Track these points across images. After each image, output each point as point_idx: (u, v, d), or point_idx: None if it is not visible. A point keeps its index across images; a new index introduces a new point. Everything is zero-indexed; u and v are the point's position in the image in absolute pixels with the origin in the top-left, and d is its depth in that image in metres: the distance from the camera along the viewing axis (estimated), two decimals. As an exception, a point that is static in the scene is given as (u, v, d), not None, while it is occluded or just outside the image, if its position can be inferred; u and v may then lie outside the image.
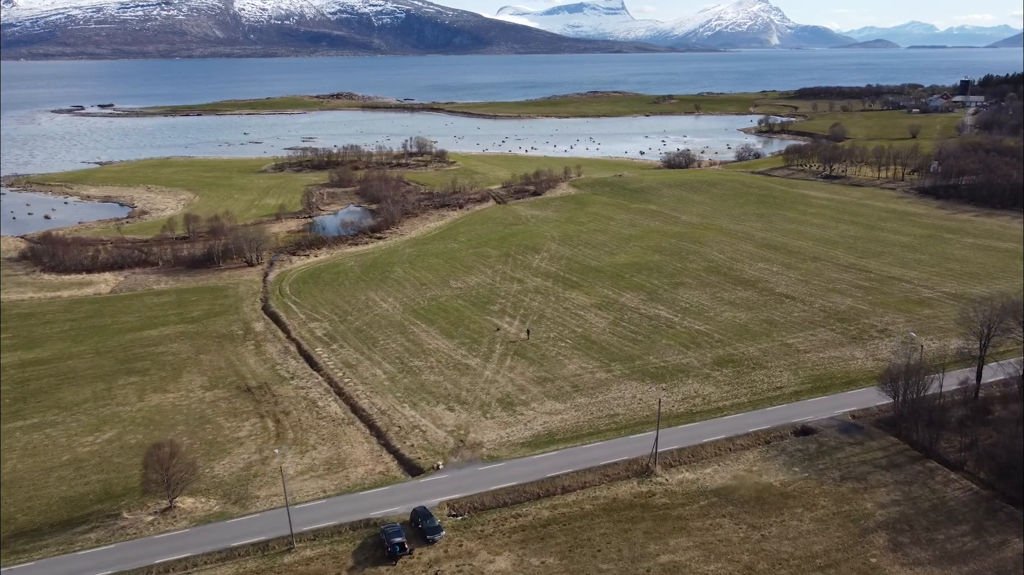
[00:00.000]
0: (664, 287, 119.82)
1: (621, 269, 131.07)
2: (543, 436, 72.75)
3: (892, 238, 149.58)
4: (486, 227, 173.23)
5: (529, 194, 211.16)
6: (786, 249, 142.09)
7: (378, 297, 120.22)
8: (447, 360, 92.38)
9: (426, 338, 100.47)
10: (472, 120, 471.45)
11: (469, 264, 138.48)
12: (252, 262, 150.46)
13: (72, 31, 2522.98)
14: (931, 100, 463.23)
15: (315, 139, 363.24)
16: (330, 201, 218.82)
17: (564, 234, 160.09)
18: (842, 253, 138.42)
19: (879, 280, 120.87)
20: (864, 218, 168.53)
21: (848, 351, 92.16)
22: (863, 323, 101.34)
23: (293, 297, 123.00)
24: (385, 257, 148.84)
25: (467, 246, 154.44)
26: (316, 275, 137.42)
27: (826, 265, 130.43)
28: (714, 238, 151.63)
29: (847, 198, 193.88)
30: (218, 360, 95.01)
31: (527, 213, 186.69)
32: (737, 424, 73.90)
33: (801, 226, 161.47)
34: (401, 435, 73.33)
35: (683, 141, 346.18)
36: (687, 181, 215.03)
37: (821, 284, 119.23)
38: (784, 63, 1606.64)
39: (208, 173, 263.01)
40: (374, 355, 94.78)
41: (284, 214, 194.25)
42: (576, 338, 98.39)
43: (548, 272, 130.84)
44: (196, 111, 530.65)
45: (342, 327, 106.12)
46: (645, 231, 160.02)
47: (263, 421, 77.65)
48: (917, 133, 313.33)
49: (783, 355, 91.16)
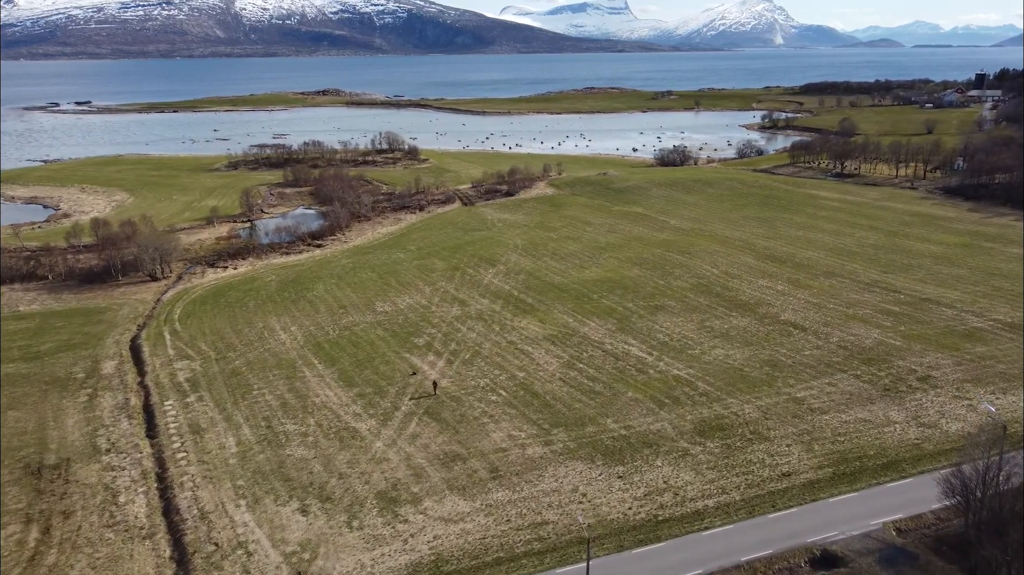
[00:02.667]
0: (639, 312, 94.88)
1: (590, 287, 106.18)
2: (424, 568, 47.89)
3: (920, 247, 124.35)
4: (443, 233, 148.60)
5: (501, 194, 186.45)
6: (793, 261, 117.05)
7: (280, 324, 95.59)
8: (331, 422, 67.65)
9: (317, 385, 75.82)
10: (459, 116, 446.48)
11: (407, 280, 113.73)
12: (156, 275, 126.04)
13: (72, 31, 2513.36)
14: (945, 95, 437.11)
15: (287, 136, 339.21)
16: (278, 202, 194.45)
17: (530, 242, 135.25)
18: (862, 267, 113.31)
19: (911, 303, 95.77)
20: (884, 223, 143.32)
21: (880, 410, 67.18)
22: (896, 366, 76.34)
23: (178, 323, 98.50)
24: (314, 270, 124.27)
25: (413, 256, 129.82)
26: (222, 293, 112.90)
27: (843, 282, 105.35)
28: (706, 247, 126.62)
29: (862, 199, 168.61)
30: (27, 419, 70.39)
31: (494, 216, 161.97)
32: (723, 545, 48.90)
33: (811, 232, 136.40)
34: (212, 563, 48.46)
35: (680, 137, 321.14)
36: (679, 180, 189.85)
37: (838, 309, 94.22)
38: (790, 61, 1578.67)
39: (155, 172, 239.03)
40: (237, 413, 70.16)
41: (218, 218, 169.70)
42: (514, 388, 73.60)
43: (499, 291, 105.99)
44: (173, 108, 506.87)
45: (215, 368, 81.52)
46: (625, 238, 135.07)
47: (26, 529, 53.00)
48: (933, 128, 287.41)
49: (791, 417, 66.24)
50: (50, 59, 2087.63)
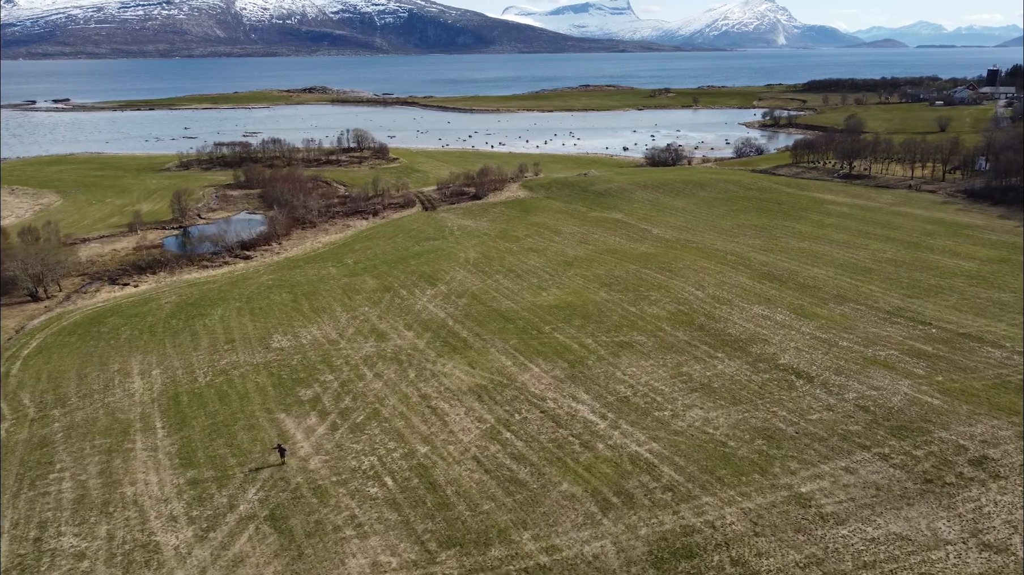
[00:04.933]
0: (599, 352, 74.13)
1: (543, 315, 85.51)
2: None
3: (949, 263, 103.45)
4: (390, 243, 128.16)
5: (467, 197, 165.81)
6: (796, 281, 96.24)
7: (141, 367, 74.99)
8: (130, 533, 47.07)
9: (141, 465, 55.26)
10: (445, 114, 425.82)
11: (323, 304, 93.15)
12: (37, 295, 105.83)
13: (72, 31, 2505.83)
14: (956, 91, 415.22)
15: (258, 134, 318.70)
16: (220, 206, 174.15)
17: (484, 255, 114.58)
18: (880, 289, 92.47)
19: (946, 340, 74.92)
20: (903, 232, 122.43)
21: (922, 518, 46.40)
22: (938, 440, 55.59)
23: (19, 363, 78.02)
24: (224, 290, 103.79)
25: (345, 272, 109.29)
26: (100, 320, 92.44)
27: (858, 310, 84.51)
28: (692, 263, 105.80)
29: (875, 203, 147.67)
30: None
31: (454, 223, 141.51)
32: None
33: (816, 244, 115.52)
34: None
35: (676, 136, 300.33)
36: (668, 182, 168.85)
37: (853, 347, 73.35)
38: (795, 60, 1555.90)
39: (98, 172, 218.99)
40: (9, 512, 49.65)
41: (143, 224, 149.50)
42: (406, 474, 52.97)
43: (431, 321, 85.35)
44: (150, 105, 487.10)
45: (24, 434, 60.97)
46: (597, 251, 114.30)
47: None
48: (947, 126, 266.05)
49: (793, 532, 45.47)
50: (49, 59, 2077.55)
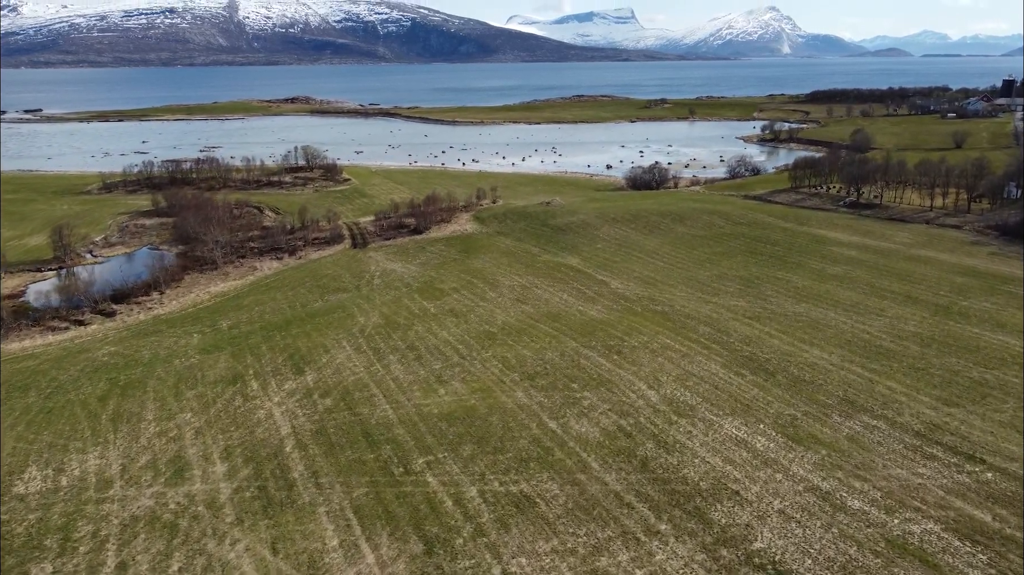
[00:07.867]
0: (481, 519, 48.31)
1: (425, 433, 59.88)
2: None
3: (993, 342, 77.40)
4: (290, 296, 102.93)
5: (407, 231, 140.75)
6: (788, 372, 70.42)
7: None
8: None
9: None
10: (425, 126, 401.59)
11: (135, 407, 67.66)
12: None
13: (75, 39, 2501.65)
14: (969, 103, 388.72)
15: (218, 148, 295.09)
16: (123, 240, 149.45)
17: (389, 320, 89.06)
18: (903, 387, 66.60)
19: (1009, 497, 49.12)
20: (928, 288, 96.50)
21: None
22: None
23: None
24: (35, 374, 78.59)
25: (202, 347, 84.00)
26: None
27: (874, 431, 58.64)
28: (651, 339, 79.99)
29: (890, 244, 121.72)
30: None
31: (380, 266, 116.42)
32: None
33: (817, 307, 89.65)
34: None
35: (667, 152, 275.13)
36: (642, 213, 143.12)
37: (869, 514, 47.44)
38: (801, 70, 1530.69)
39: (11, 195, 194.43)
40: None
41: (8, 266, 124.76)
42: None
43: (264, 443, 59.77)
44: (119, 116, 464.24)
45: None
46: (534, 317, 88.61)
47: None
48: (963, 142, 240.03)
49: None
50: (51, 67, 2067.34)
